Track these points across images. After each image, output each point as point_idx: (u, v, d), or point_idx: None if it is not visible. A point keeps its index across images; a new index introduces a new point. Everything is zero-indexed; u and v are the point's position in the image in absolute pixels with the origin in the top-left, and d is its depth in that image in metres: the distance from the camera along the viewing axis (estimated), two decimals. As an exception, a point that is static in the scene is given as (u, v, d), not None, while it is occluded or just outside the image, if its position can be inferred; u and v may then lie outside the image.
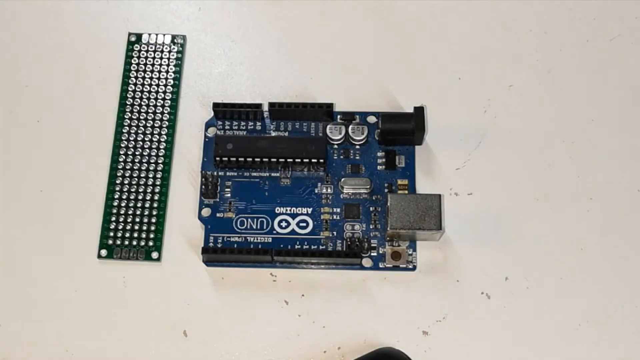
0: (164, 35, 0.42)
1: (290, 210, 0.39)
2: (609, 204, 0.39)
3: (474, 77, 0.41)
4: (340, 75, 0.41)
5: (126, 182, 0.39)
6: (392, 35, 0.42)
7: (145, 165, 0.40)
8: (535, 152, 0.40)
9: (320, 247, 0.38)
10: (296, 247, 0.38)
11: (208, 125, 0.40)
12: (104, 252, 0.38)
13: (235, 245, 0.38)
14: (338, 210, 0.39)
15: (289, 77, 0.42)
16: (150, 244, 0.39)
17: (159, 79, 0.41)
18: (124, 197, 0.39)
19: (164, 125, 0.40)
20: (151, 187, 0.39)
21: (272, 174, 0.39)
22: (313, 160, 0.39)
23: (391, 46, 0.42)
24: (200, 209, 0.39)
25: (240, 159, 0.39)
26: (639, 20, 0.42)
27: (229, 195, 0.39)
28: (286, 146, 0.39)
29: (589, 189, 0.39)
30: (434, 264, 0.38)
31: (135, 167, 0.40)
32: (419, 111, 0.39)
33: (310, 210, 0.39)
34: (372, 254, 0.38)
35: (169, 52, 0.42)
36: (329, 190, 0.39)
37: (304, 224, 0.39)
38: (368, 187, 0.39)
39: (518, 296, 0.38)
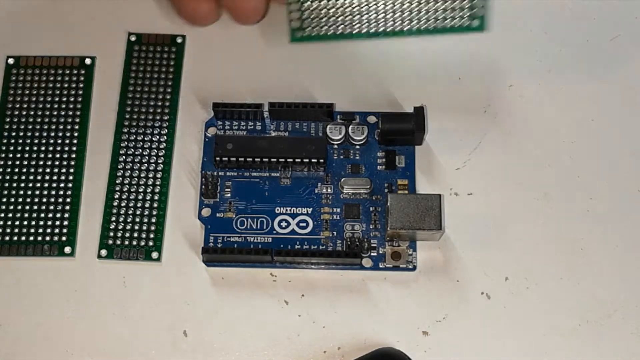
0: (164, 35, 0.42)
1: (290, 210, 0.39)
2: (609, 204, 0.39)
3: (474, 77, 0.41)
4: (340, 75, 0.41)
5: (126, 182, 0.39)
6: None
7: (145, 165, 0.40)
8: (535, 152, 0.40)
9: (320, 247, 0.38)
10: (296, 247, 0.38)
11: (208, 125, 0.40)
12: (104, 252, 0.38)
13: (235, 245, 0.38)
14: (338, 210, 0.39)
15: (289, 77, 0.42)
16: (150, 244, 0.39)
17: (159, 79, 0.41)
18: (124, 197, 0.39)
19: (164, 125, 0.40)
20: (151, 187, 0.39)
21: (272, 174, 0.39)
22: (313, 160, 0.39)
23: (391, 46, 0.42)
24: (200, 209, 0.39)
25: (240, 159, 0.39)
26: (639, 20, 0.42)
27: (229, 195, 0.39)
28: (286, 146, 0.39)
29: (589, 189, 0.39)
30: (434, 264, 0.38)
31: (135, 167, 0.40)
32: (419, 111, 0.39)
33: (310, 210, 0.39)
34: (372, 254, 0.38)
35: (169, 52, 0.42)
36: (329, 190, 0.39)
37: (304, 224, 0.39)
38: (368, 187, 0.39)
39: (518, 296, 0.38)
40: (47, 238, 0.39)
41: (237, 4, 0.40)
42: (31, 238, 0.39)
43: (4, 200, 0.39)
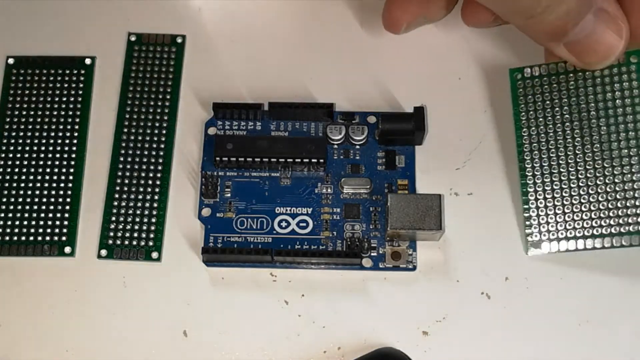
0: (164, 35, 0.42)
1: (290, 210, 0.39)
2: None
3: (474, 77, 0.41)
4: (340, 75, 0.41)
5: (126, 182, 0.39)
6: (392, 35, 0.42)
7: (145, 165, 0.40)
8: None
9: (320, 247, 0.38)
10: (296, 247, 0.38)
11: (208, 125, 0.40)
12: (104, 252, 0.38)
13: (235, 245, 0.38)
14: (338, 210, 0.39)
15: (289, 77, 0.42)
16: (150, 244, 0.39)
17: (159, 79, 0.41)
18: (124, 197, 0.39)
19: (164, 125, 0.40)
20: (151, 187, 0.39)
21: (272, 174, 0.39)
22: (313, 160, 0.39)
23: (391, 46, 0.42)
24: (200, 209, 0.39)
25: (240, 159, 0.39)
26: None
27: (229, 195, 0.39)
28: (286, 146, 0.39)
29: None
30: (434, 264, 0.38)
31: (135, 167, 0.40)
32: (419, 111, 0.39)
33: (310, 210, 0.39)
34: (372, 254, 0.38)
35: (169, 52, 0.42)
36: (329, 190, 0.39)
37: (304, 224, 0.39)
38: (368, 187, 0.39)
39: (518, 296, 0.38)
40: (47, 238, 0.39)
41: (588, 44, 0.35)
42: (31, 238, 0.39)
43: (4, 200, 0.39)
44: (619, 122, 0.37)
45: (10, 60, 0.42)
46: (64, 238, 0.39)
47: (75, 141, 0.40)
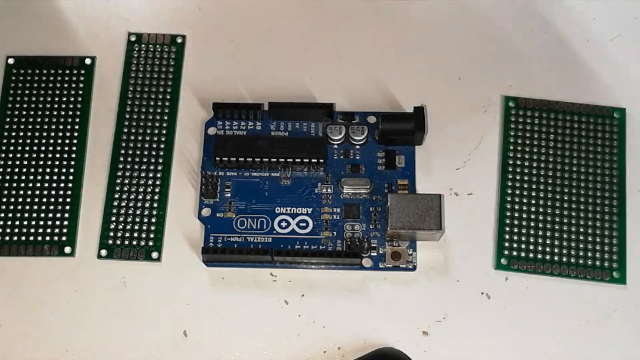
0: (164, 35, 0.42)
1: (290, 210, 0.39)
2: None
3: (474, 77, 0.41)
4: (340, 75, 0.41)
5: (126, 182, 0.39)
6: (392, 35, 0.42)
7: (145, 165, 0.40)
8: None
9: (320, 247, 0.38)
10: (296, 247, 0.38)
11: (208, 125, 0.40)
12: (104, 252, 0.38)
13: (235, 245, 0.38)
14: (338, 210, 0.39)
15: (289, 77, 0.42)
16: (150, 244, 0.39)
17: (159, 79, 0.41)
18: (124, 197, 0.39)
19: (164, 125, 0.40)
20: (151, 187, 0.39)
21: (272, 174, 0.39)
22: (313, 160, 0.39)
23: (391, 46, 0.42)
24: (200, 209, 0.39)
25: (240, 159, 0.39)
26: (639, 20, 0.42)
27: (229, 195, 0.39)
28: (286, 146, 0.39)
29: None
30: (434, 264, 0.38)
31: (135, 167, 0.40)
32: (419, 111, 0.39)
33: (310, 210, 0.39)
34: (372, 254, 0.38)
35: (169, 52, 0.42)
36: (329, 190, 0.39)
37: (304, 224, 0.39)
38: (368, 187, 0.39)
39: (518, 296, 0.38)
40: (47, 238, 0.39)
41: None
42: (31, 238, 0.39)
43: (4, 200, 0.39)
44: (597, 166, 0.39)
45: (10, 60, 0.42)
46: (64, 238, 0.39)
47: (75, 141, 0.40)
